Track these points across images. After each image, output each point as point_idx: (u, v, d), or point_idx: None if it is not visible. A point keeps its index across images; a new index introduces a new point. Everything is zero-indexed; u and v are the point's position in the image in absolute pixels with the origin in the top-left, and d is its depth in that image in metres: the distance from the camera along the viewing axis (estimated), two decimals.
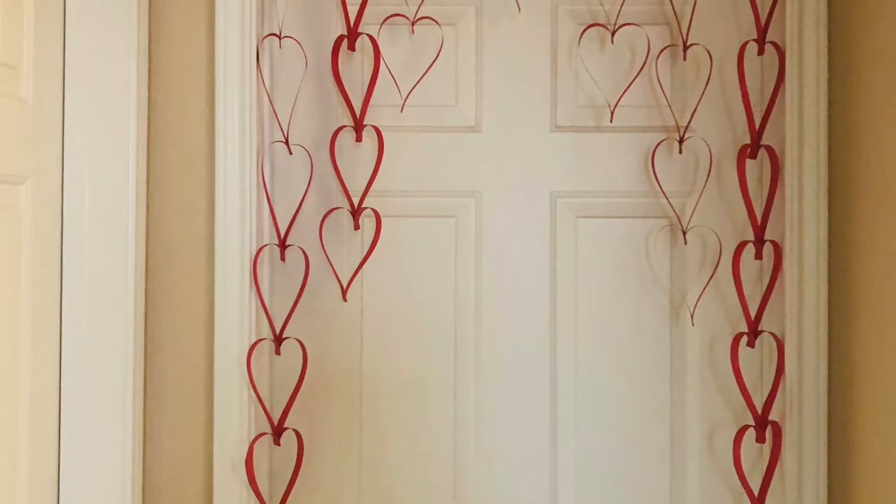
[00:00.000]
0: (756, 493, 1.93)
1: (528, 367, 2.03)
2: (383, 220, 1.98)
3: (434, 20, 1.99)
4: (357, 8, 1.95)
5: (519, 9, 2.02)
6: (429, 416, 2.03)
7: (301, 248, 1.97)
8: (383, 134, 1.98)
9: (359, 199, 1.97)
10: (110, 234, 1.86)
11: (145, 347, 1.91)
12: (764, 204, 1.95)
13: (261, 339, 1.94)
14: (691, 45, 1.99)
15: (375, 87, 1.97)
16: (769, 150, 1.94)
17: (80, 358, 1.84)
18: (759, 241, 1.94)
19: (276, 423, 1.94)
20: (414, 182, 2.03)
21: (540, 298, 2.03)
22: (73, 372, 1.85)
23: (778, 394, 1.92)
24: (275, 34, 1.98)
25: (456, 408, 2.03)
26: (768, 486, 1.92)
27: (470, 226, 2.03)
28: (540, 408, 2.03)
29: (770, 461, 1.92)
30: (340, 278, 1.99)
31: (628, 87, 1.99)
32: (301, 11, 2.02)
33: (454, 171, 2.03)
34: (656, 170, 2.00)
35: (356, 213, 1.97)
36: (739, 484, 1.94)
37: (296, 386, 1.94)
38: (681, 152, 2.00)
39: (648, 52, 2.00)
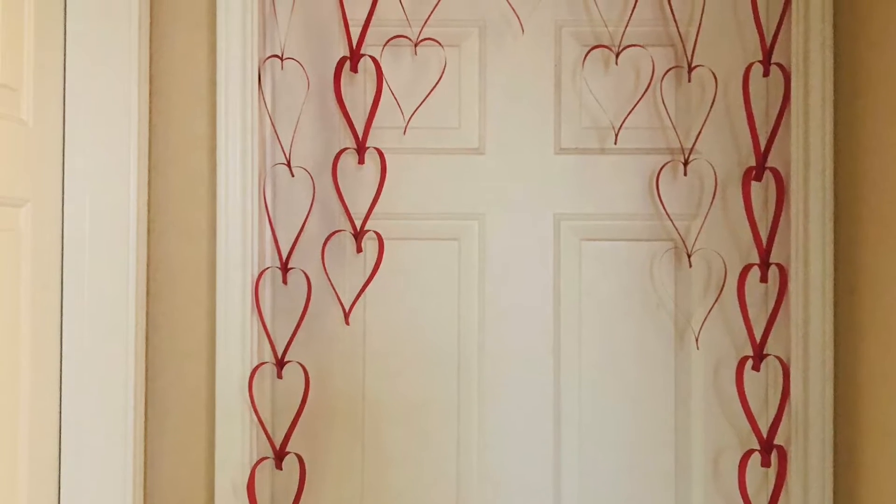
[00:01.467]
0: None
1: (531, 391, 2.01)
2: (386, 243, 1.96)
3: (437, 42, 1.98)
4: (359, 29, 1.94)
5: (522, 30, 2.01)
6: (432, 440, 2.01)
7: (303, 271, 1.96)
8: (386, 156, 1.97)
9: (361, 221, 1.95)
10: (111, 257, 1.84)
11: (146, 371, 1.90)
12: (769, 226, 1.93)
13: (262, 363, 1.93)
14: (696, 66, 1.98)
15: (378, 108, 1.95)
16: (774, 172, 1.93)
17: (80, 381, 1.83)
18: (765, 264, 1.93)
19: (277, 447, 1.93)
20: (417, 204, 2.02)
21: (544, 321, 2.02)
22: (73, 395, 1.83)
23: (783, 418, 1.91)
24: (276, 56, 1.97)
25: (459, 431, 2.02)
26: None
27: (473, 248, 2.02)
28: (544, 431, 2.01)
29: (775, 486, 1.91)
30: (343, 301, 1.98)
31: (633, 109, 1.98)
32: (303, 33, 2.01)
33: (457, 194, 2.02)
34: (661, 192, 1.98)
35: (359, 235, 1.95)
36: None
37: (298, 410, 1.92)
38: (685, 174, 1.99)
39: (653, 73, 1.99)
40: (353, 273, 2.01)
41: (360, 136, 1.95)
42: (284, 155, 1.96)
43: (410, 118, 1.99)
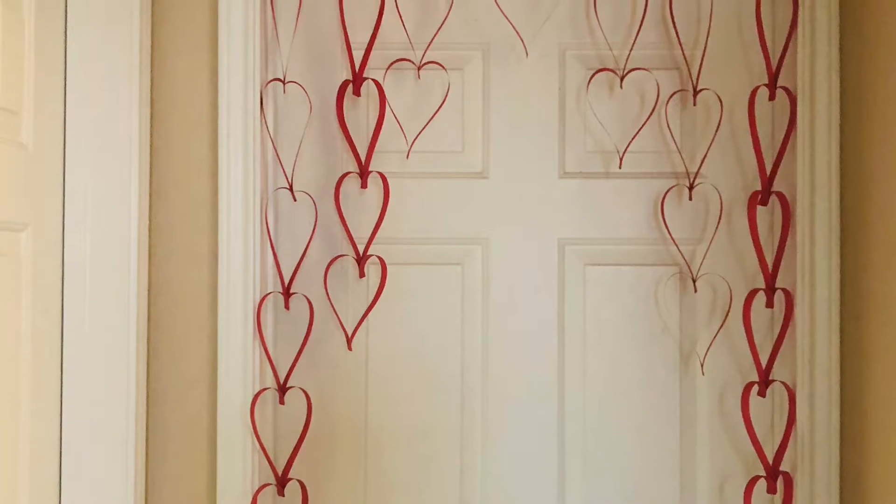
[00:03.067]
0: None
1: (535, 417, 2.00)
2: (389, 268, 1.94)
3: (440, 65, 1.97)
4: (362, 52, 1.92)
5: (527, 53, 1.99)
6: (435, 467, 2.00)
7: (305, 296, 1.95)
8: (389, 180, 1.95)
9: (364, 246, 1.94)
10: (112, 282, 1.83)
11: (147, 396, 1.89)
12: (775, 251, 1.92)
13: (265, 389, 1.91)
14: (701, 90, 1.96)
15: (381, 132, 1.94)
16: (780, 196, 1.92)
17: (81, 406, 1.82)
18: (770, 289, 1.91)
19: (280, 473, 1.91)
20: (420, 229, 2.01)
21: (547, 347, 2.00)
22: (74, 420, 1.82)
23: (789, 444, 1.89)
24: (279, 79, 1.96)
25: (463, 458, 2.00)
26: None
27: (476, 273, 2.01)
28: (548, 458, 2.00)
29: None
30: (345, 327, 1.96)
31: (637, 133, 1.96)
32: (305, 56, 2.00)
33: (461, 218, 2.00)
34: (666, 216, 1.97)
35: (361, 260, 1.94)
36: None
37: (300, 436, 1.91)
38: (690, 199, 1.97)
39: (658, 97, 1.98)
40: (355, 298, 2.00)
41: (363, 160, 1.94)
42: (287, 179, 1.95)
43: (413, 142, 1.98)
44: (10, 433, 1.66)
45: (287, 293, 1.93)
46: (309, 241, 1.93)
